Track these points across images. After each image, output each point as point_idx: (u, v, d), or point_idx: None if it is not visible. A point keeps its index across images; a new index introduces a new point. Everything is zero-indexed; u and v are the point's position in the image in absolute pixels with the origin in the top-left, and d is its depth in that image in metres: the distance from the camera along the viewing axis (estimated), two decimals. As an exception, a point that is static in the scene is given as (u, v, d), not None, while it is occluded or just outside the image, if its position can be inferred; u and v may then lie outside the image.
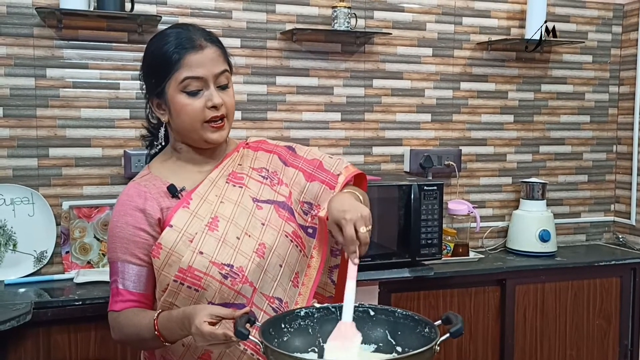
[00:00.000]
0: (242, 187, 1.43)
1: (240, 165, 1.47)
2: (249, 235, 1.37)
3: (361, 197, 1.43)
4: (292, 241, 1.42)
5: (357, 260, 1.28)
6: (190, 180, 1.42)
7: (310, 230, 1.47)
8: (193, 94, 1.35)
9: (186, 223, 1.35)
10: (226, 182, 1.43)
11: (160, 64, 1.36)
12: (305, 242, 1.46)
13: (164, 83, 1.36)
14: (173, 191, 1.38)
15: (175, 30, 1.39)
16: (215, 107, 1.36)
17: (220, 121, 1.39)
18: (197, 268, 1.31)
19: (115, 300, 1.38)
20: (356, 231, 1.27)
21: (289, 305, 1.40)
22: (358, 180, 1.58)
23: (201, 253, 1.32)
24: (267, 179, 1.47)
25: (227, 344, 1.19)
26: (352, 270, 1.28)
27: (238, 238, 1.36)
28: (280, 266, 1.39)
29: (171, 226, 1.34)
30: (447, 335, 1.14)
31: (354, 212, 1.28)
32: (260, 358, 1.33)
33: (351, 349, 1.21)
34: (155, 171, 1.44)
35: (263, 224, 1.40)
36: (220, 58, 1.39)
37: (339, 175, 1.50)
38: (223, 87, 1.39)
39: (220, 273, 1.32)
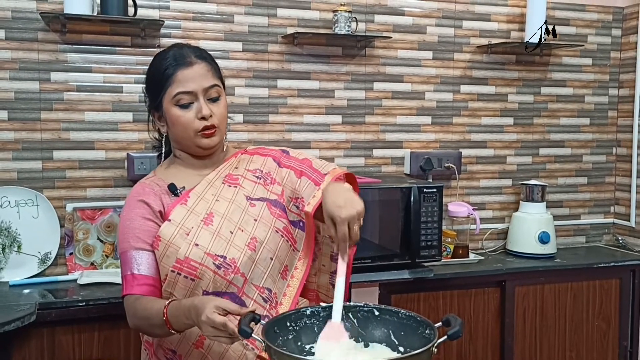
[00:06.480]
0: (237, 187, 1.53)
1: (237, 168, 1.58)
2: (242, 230, 1.47)
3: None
4: (282, 236, 1.51)
5: (347, 258, 1.32)
6: (190, 182, 1.53)
7: (301, 224, 1.55)
8: (185, 106, 1.48)
9: (183, 218, 1.45)
10: (222, 182, 1.54)
11: (157, 80, 1.50)
12: (297, 238, 1.54)
13: (160, 97, 1.50)
14: (173, 189, 1.50)
15: (173, 49, 1.53)
16: (204, 118, 1.48)
17: (211, 130, 1.49)
18: (193, 259, 1.41)
19: (131, 285, 1.44)
20: (349, 229, 1.30)
21: (278, 296, 1.50)
22: (349, 182, 1.61)
23: (197, 245, 1.42)
24: (260, 179, 1.57)
25: (231, 339, 1.23)
26: (341, 267, 1.31)
27: (231, 232, 1.45)
28: (271, 259, 1.48)
29: (169, 220, 1.45)
30: (445, 337, 1.16)
31: (350, 208, 1.30)
32: (249, 344, 1.42)
33: (340, 349, 1.25)
34: (160, 174, 1.57)
35: (255, 220, 1.49)
36: (209, 73, 1.51)
37: (326, 174, 1.56)
38: (214, 100, 1.51)
39: (214, 263, 1.41)
